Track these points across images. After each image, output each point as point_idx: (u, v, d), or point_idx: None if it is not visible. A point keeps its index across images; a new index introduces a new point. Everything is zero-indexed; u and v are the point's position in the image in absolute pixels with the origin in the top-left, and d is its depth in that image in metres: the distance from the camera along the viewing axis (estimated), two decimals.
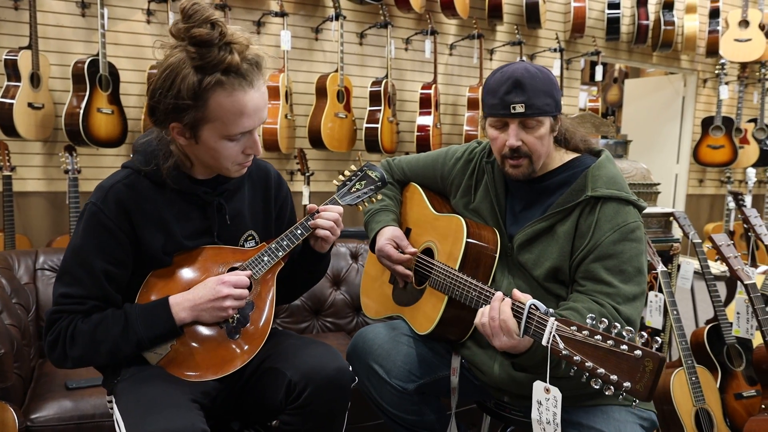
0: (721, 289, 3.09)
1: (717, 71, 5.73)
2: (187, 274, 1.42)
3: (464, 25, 4.70)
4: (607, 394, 1.12)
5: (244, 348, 1.42)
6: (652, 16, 5.42)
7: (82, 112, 3.16)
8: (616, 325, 1.14)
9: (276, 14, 3.82)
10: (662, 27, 5.37)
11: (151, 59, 3.58)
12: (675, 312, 2.22)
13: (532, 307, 1.26)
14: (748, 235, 2.74)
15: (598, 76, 5.21)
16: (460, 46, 4.72)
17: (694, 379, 2.16)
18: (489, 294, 1.42)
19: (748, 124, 5.91)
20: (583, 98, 6.20)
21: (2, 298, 2.03)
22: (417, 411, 1.63)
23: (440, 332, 1.59)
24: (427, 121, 4.27)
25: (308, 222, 1.49)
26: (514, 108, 1.44)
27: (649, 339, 1.11)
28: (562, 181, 1.54)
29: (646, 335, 1.11)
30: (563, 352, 1.16)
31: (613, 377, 1.10)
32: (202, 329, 1.40)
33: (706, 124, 5.82)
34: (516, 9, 4.88)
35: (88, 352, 1.33)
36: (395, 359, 1.61)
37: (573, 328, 1.17)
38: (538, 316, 1.24)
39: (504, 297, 1.34)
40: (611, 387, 1.11)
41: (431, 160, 1.81)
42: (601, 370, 1.12)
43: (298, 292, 1.69)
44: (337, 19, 3.95)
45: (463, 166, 1.71)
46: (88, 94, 3.19)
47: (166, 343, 1.37)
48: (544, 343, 1.21)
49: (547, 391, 1.24)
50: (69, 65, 3.25)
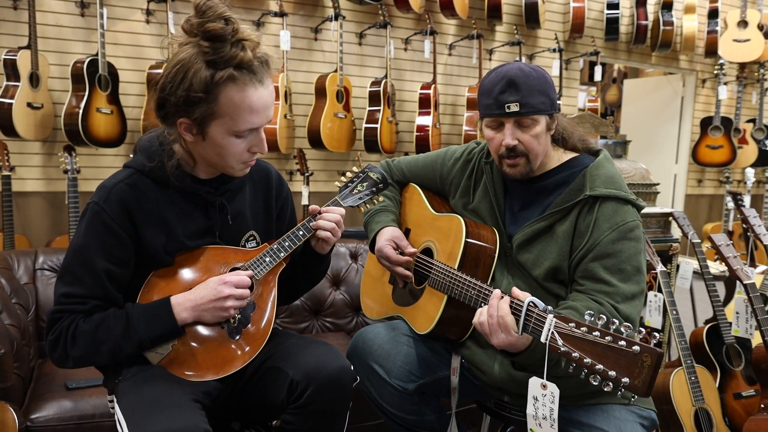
0: (720, 289, 3.09)
1: (716, 71, 5.73)
2: (188, 273, 1.42)
3: (463, 25, 4.70)
4: (605, 390, 1.12)
5: (246, 348, 1.42)
6: (651, 17, 5.42)
7: (81, 112, 3.15)
8: (615, 321, 1.14)
9: (275, 14, 3.82)
10: (661, 27, 5.38)
11: (150, 59, 3.58)
12: (674, 312, 2.22)
13: (531, 304, 1.26)
14: (747, 235, 2.75)
15: (597, 77, 5.21)
16: (460, 46, 4.72)
17: (693, 378, 2.17)
18: (488, 292, 1.43)
19: (747, 125, 5.91)
20: (582, 98, 6.20)
21: (2, 298, 2.03)
22: (417, 411, 1.63)
23: (440, 331, 1.59)
24: (427, 121, 4.27)
25: (310, 223, 1.49)
26: (509, 107, 1.44)
27: (647, 335, 1.11)
28: (560, 180, 1.54)
29: (644, 331, 1.11)
30: (562, 349, 1.17)
31: (612, 373, 1.11)
32: (203, 329, 1.40)
33: (705, 124, 5.82)
34: (515, 9, 4.88)
35: (90, 352, 1.33)
36: (395, 359, 1.61)
37: (571, 325, 1.17)
38: (537, 313, 1.24)
39: (503, 295, 1.34)
40: (610, 383, 1.11)
41: (430, 161, 1.81)
42: (600, 366, 1.12)
43: (299, 293, 1.69)
44: (336, 19, 3.95)
45: (462, 166, 1.71)
46: (87, 94, 3.18)
47: (168, 343, 1.37)
48: (542, 339, 1.21)
49: (544, 387, 1.24)
50: (68, 65, 3.24)
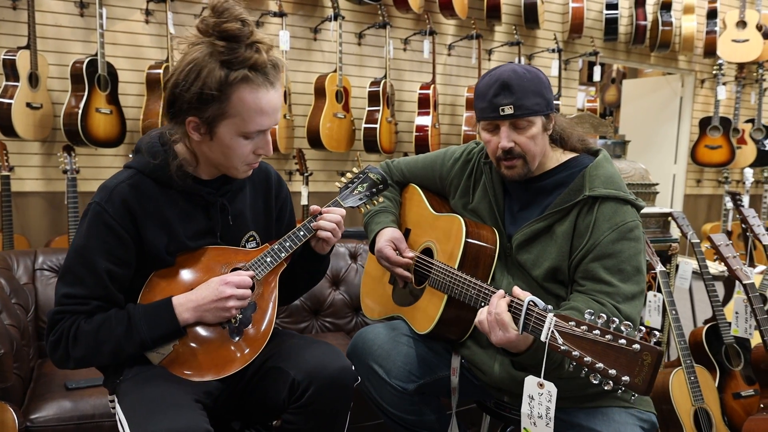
0: (719, 289, 3.09)
1: (714, 72, 5.74)
2: (190, 274, 1.42)
3: (463, 26, 4.70)
4: (606, 388, 1.12)
5: (246, 349, 1.42)
6: (650, 17, 5.42)
7: (80, 112, 3.15)
8: (615, 320, 1.14)
9: (274, 14, 3.82)
10: (660, 27, 5.38)
11: (149, 59, 3.57)
12: (674, 312, 2.22)
13: (531, 303, 1.27)
14: (746, 235, 2.75)
15: (596, 77, 5.21)
16: (459, 47, 4.72)
17: (692, 378, 2.17)
18: (488, 292, 1.43)
19: (746, 125, 5.92)
20: (581, 99, 6.21)
21: (2, 299, 2.03)
22: (417, 411, 1.63)
23: (440, 331, 1.59)
24: (426, 121, 4.27)
25: (311, 223, 1.49)
26: (503, 110, 1.44)
27: (645, 334, 1.11)
28: (559, 181, 1.54)
29: (644, 329, 1.11)
30: (562, 348, 1.17)
31: (612, 371, 1.11)
32: (204, 329, 1.40)
33: (704, 124, 5.83)
34: (514, 9, 4.89)
35: (91, 353, 1.33)
36: (395, 359, 1.61)
37: (571, 324, 1.18)
38: (537, 312, 1.25)
39: (505, 294, 1.34)
40: (610, 381, 1.11)
41: (430, 162, 1.81)
42: (600, 365, 1.12)
43: (298, 293, 1.69)
44: (335, 19, 3.95)
45: (461, 167, 1.71)
46: (86, 94, 3.18)
47: (169, 344, 1.38)
48: (542, 338, 1.21)
49: (541, 386, 1.24)
50: (67, 65, 3.24)
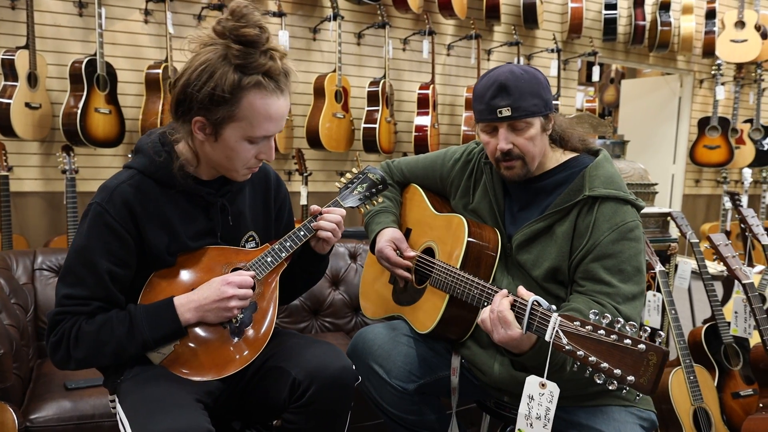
0: (718, 289, 3.10)
1: (713, 72, 5.75)
2: (190, 274, 1.42)
3: (462, 26, 4.70)
4: (610, 388, 1.12)
5: (247, 349, 1.42)
6: (649, 17, 5.43)
7: (79, 112, 3.15)
8: (619, 320, 1.14)
9: (274, 14, 3.82)
10: (659, 28, 5.39)
11: (149, 59, 3.57)
12: (673, 311, 2.23)
13: (535, 303, 1.27)
14: (745, 235, 2.76)
15: (595, 77, 5.22)
16: (458, 47, 4.73)
17: (692, 378, 2.17)
18: (491, 291, 1.43)
19: (744, 125, 5.93)
20: (580, 99, 6.22)
21: (1, 299, 2.02)
22: (417, 411, 1.63)
23: (441, 331, 1.59)
24: (425, 121, 4.28)
25: (311, 223, 1.49)
26: (501, 112, 1.44)
27: (650, 334, 1.12)
28: (559, 181, 1.54)
29: (649, 329, 1.12)
30: (566, 347, 1.17)
31: (617, 371, 1.11)
32: (205, 329, 1.40)
33: (703, 124, 5.84)
34: (513, 9, 4.89)
35: (93, 354, 1.33)
36: (395, 359, 1.61)
37: (576, 323, 1.18)
38: (541, 311, 1.25)
39: (508, 293, 1.35)
40: (615, 381, 1.12)
41: (430, 162, 1.81)
42: (605, 365, 1.12)
43: (297, 293, 1.69)
44: (335, 19, 3.95)
45: (461, 167, 1.71)
46: (85, 93, 3.18)
47: (171, 344, 1.37)
48: (546, 338, 1.21)
49: (543, 386, 1.24)
50: (66, 65, 3.24)
